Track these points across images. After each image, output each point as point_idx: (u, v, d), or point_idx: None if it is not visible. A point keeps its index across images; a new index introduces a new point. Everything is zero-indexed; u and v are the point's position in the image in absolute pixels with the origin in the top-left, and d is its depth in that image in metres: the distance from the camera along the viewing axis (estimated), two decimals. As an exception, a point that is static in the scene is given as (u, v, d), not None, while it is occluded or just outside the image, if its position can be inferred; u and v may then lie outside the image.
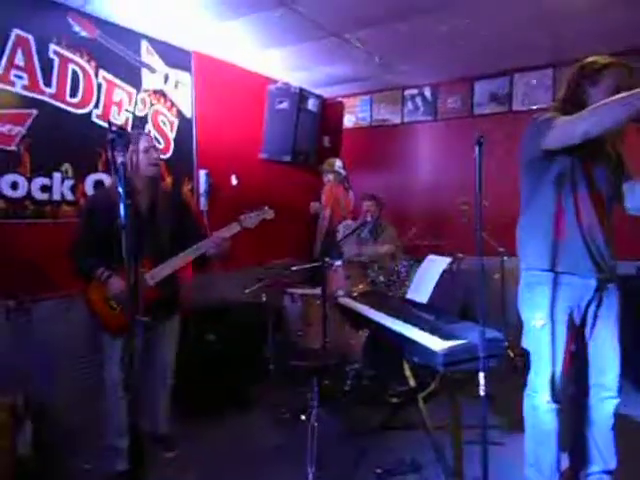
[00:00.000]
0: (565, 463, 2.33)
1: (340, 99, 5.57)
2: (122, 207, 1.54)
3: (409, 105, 5.20)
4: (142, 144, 2.51)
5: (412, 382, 2.87)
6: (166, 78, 3.84)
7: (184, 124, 4.02)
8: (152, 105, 3.74)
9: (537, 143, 2.03)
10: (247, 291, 3.49)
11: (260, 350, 3.68)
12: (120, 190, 1.58)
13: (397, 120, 5.28)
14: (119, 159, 1.57)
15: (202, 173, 4.19)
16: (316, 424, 2.64)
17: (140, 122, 3.65)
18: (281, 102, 4.73)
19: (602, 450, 2.23)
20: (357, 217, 4.55)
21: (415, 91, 5.14)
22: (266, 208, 2.76)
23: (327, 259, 3.22)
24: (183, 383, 2.91)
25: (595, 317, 2.18)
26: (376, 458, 2.66)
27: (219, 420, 3.15)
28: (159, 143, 3.78)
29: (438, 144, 5.08)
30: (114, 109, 3.47)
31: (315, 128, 5.01)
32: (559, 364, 2.13)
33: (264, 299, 3.62)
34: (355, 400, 3.32)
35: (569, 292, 2.12)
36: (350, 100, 5.55)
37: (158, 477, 2.53)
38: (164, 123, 3.85)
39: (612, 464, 2.25)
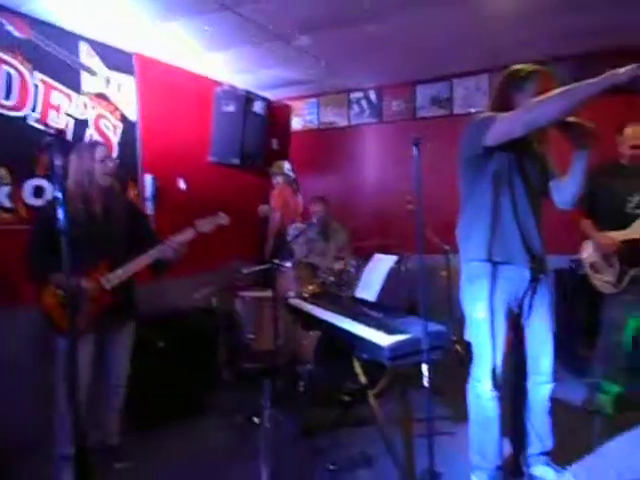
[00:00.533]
0: (507, 448, 2.45)
1: (287, 102, 5.60)
2: (60, 211, 1.51)
3: (355, 108, 5.30)
4: (98, 154, 2.55)
5: (363, 379, 2.93)
6: (107, 81, 3.75)
7: (128, 128, 3.93)
8: (94, 109, 3.64)
9: (477, 140, 2.13)
10: (197, 296, 3.46)
11: (212, 355, 3.65)
12: (58, 194, 1.54)
13: (344, 123, 5.37)
14: (57, 162, 1.53)
15: (148, 177, 4.11)
16: (269, 425, 2.66)
17: (81, 126, 3.54)
18: (228, 105, 4.70)
19: (539, 433, 2.36)
20: (307, 219, 4.59)
21: (360, 94, 5.25)
22: (221, 214, 2.83)
23: (277, 261, 3.23)
24: (133, 391, 2.86)
25: (530, 307, 2.31)
26: (329, 455, 2.69)
27: (171, 428, 3.11)
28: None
29: (384, 146, 5.21)
30: (52, 112, 3.36)
31: (263, 131, 5.01)
32: (499, 353, 2.24)
33: (214, 303, 3.59)
34: (308, 400, 3.35)
35: (506, 284, 2.23)
36: (297, 103, 5.60)
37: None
38: (107, 127, 3.76)
39: (549, 445, 2.39)
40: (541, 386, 2.34)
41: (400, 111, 5.07)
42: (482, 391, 2.27)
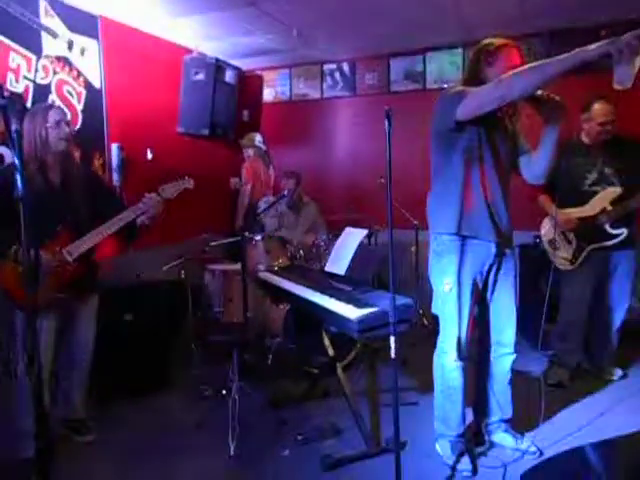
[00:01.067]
0: (469, 417, 2.52)
1: (259, 72, 5.48)
2: (18, 178, 1.44)
3: (328, 80, 5.22)
4: (52, 117, 2.40)
5: (331, 352, 2.96)
6: (70, 44, 3.58)
7: (93, 95, 3.78)
8: (55, 73, 3.48)
9: (449, 115, 2.13)
10: (165, 268, 3.40)
11: (180, 328, 3.62)
12: (16, 160, 1.47)
13: (317, 95, 5.29)
14: (13, 126, 1.45)
15: (114, 147, 3.98)
16: (237, 398, 2.67)
17: (42, 92, 3.39)
18: (197, 73, 4.57)
19: (500, 401, 2.45)
20: (278, 193, 4.55)
21: (334, 66, 5.18)
22: (186, 178, 2.74)
23: (246, 234, 3.20)
24: (100, 365, 2.82)
25: (495, 281, 2.35)
26: (297, 427, 2.72)
27: (138, 401, 3.08)
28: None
29: (357, 120, 5.17)
30: (10, 76, 3.20)
31: (233, 101, 4.91)
32: (464, 325, 2.29)
33: (183, 276, 3.54)
34: (277, 373, 3.37)
35: (473, 258, 2.27)
36: (269, 74, 5.48)
37: (72, 463, 2.44)
38: (70, 93, 3.61)
39: (509, 413, 2.48)
40: (504, 357, 2.41)
41: (374, 84, 5.03)
42: (447, 362, 2.33)
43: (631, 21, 4.11)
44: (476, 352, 2.47)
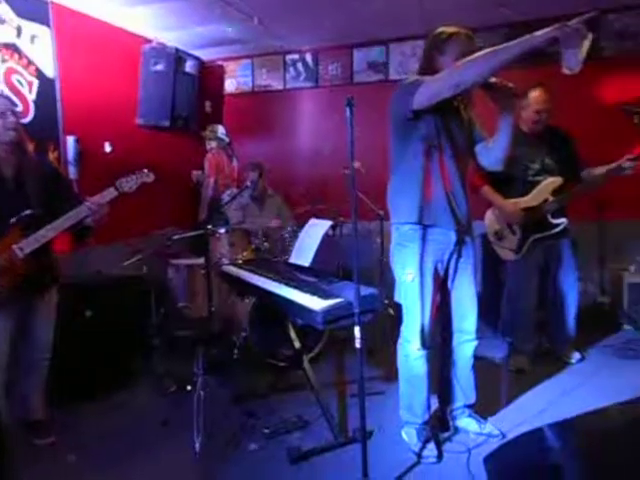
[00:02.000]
0: (434, 404, 2.56)
1: (220, 63, 5.38)
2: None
3: (291, 71, 5.17)
4: None
5: (297, 344, 2.94)
6: (19, 31, 3.42)
7: (45, 84, 3.63)
8: (4, 61, 3.33)
9: (406, 105, 2.14)
10: (126, 263, 3.31)
11: (143, 324, 3.54)
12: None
13: (279, 86, 5.24)
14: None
15: (70, 139, 3.85)
16: (202, 393, 2.62)
17: (-11, 80, 3.24)
18: (156, 63, 4.45)
19: (463, 387, 2.49)
20: (242, 185, 4.49)
21: (297, 56, 5.13)
22: (145, 171, 2.67)
23: (210, 227, 3.14)
24: (60, 363, 2.73)
25: (456, 269, 2.38)
26: (264, 421, 2.70)
27: (101, 400, 3.00)
28: (15, 105, 3.39)
29: (320, 111, 5.14)
30: (-46, 64, 3.04)
31: (194, 92, 4.81)
32: (427, 314, 2.31)
33: (145, 271, 3.46)
34: (243, 367, 3.34)
35: (434, 247, 2.29)
36: (230, 64, 5.39)
37: (32, 466, 2.36)
38: (20, 82, 3.45)
39: (472, 399, 2.53)
40: (466, 344, 2.45)
41: (337, 75, 5.01)
42: (411, 351, 2.34)
43: (584, 13, 4.23)
44: (439, 340, 2.50)
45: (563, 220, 3.08)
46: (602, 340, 3.69)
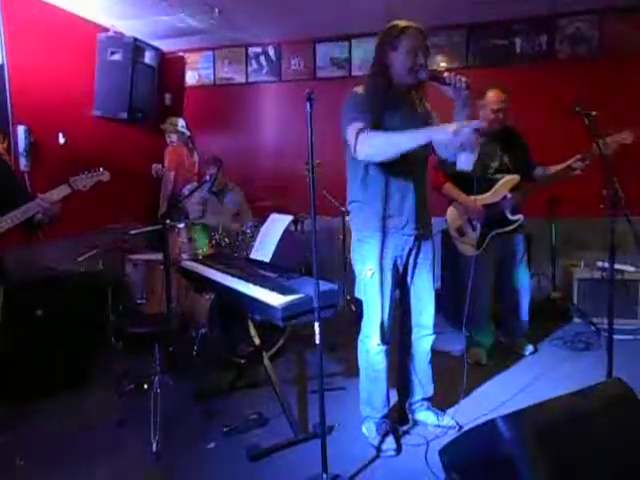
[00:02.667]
0: (394, 398, 2.59)
1: (181, 54, 5.27)
2: None
3: (253, 64, 5.12)
4: None
5: (257, 341, 2.92)
6: (-36, 14, 3.26)
7: (-7, 71, 3.48)
8: (-53, 45, 3.16)
9: (348, 143, 2.20)
10: (80, 259, 3.21)
11: (99, 322, 3.43)
12: None
13: (241, 79, 5.18)
14: None
15: (21, 129, 3.70)
16: (159, 391, 2.57)
17: None
18: (113, 53, 4.33)
19: (421, 380, 2.53)
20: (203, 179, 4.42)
21: (259, 50, 5.08)
22: (101, 170, 2.59)
23: (169, 221, 3.08)
24: (9, 364, 2.62)
25: (414, 266, 2.41)
26: (224, 418, 2.67)
27: (54, 401, 2.88)
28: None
29: (282, 105, 5.12)
30: None
31: (154, 84, 4.70)
32: (387, 309, 2.33)
33: (101, 267, 3.36)
34: (203, 365, 3.29)
35: (394, 244, 2.31)
36: (192, 56, 5.29)
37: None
38: (-35, 68, 3.29)
39: (430, 392, 2.57)
40: (423, 338, 2.48)
41: (299, 70, 4.99)
42: (371, 346, 2.36)
43: (540, 16, 4.36)
44: (398, 334, 2.54)
45: (520, 216, 3.18)
46: (554, 333, 3.83)
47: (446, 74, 2.11)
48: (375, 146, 2.08)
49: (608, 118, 2.60)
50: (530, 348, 3.48)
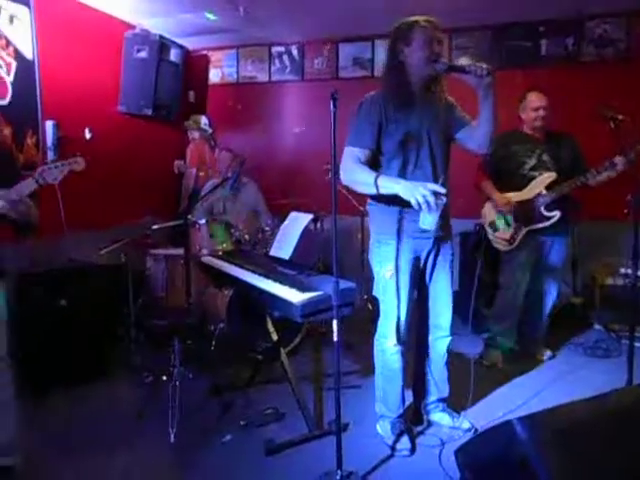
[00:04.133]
0: (409, 398, 2.60)
1: (205, 52, 5.33)
2: None
3: (277, 63, 5.15)
4: None
5: (274, 337, 2.95)
6: (-2, 10, 3.34)
7: (24, 66, 3.56)
8: (-19, 41, 3.25)
9: None
10: (103, 252, 3.26)
11: (120, 313, 3.50)
12: None
13: (264, 78, 5.21)
14: None
15: (49, 124, 3.78)
16: (178, 384, 2.62)
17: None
18: (140, 50, 4.40)
19: (437, 381, 2.53)
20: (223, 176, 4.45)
21: (282, 49, 5.11)
22: (77, 158, 2.18)
23: (190, 217, 3.12)
24: (34, 353, 2.68)
25: (433, 267, 2.41)
26: (240, 412, 2.71)
27: (75, 391, 2.94)
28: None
29: (304, 105, 5.14)
30: None
31: (178, 81, 4.76)
32: (404, 310, 2.34)
33: (123, 260, 3.42)
34: (220, 359, 3.33)
35: (412, 246, 2.31)
36: (216, 54, 5.35)
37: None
38: (-3, 63, 3.38)
39: (445, 393, 2.57)
40: (440, 340, 2.48)
41: (322, 70, 5.01)
42: (387, 346, 2.37)
43: (567, 18, 4.31)
44: (415, 335, 2.54)
45: (556, 213, 3.13)
46: (573, 339, 3.78)
47: (464, 62, 2.08)
48: (352, 181, 2.22)
49: (635, 122, 2.56)
50: (548, 353, 3.45)
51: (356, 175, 2.20)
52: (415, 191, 2.00)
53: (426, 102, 2.25)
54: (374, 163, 2.26)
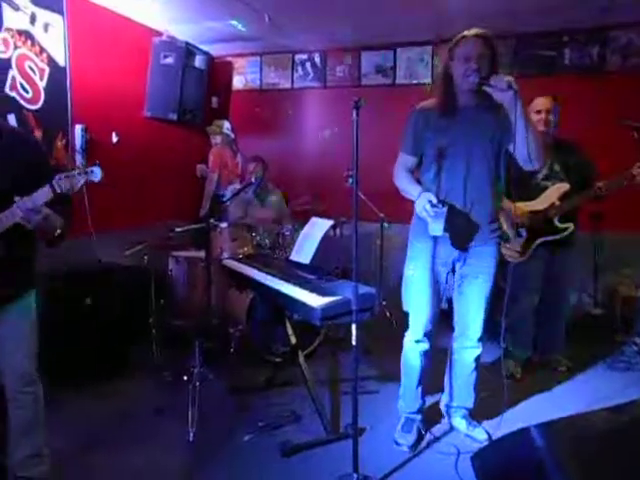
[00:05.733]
0: (429, 400, 2.65)
1: (229, 59, 5.42)
2: None
3: (299, 70, 5.21)
4: None
5: (293, 340, 2.98)
6: (33, 18, 3.46)
7: (57, 73, 3.67)
8: (17, 48, 3.36)
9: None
10: (127, 253, 3.34)
11: (142, 314, 3.58)
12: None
13: (287, 85, 5.28)
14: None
15: (78, 128, 3.88)
16: (198, 384, 2.66)
17: (2, 65, 3.27)
18: (166, 57, 4.49)
19: (461, 390, 2.56)
20: (245, 181, 4.52)
21: (305, 56, 5.17)
22: (93, 168, 1.92)
23: (212, 221, 3.18)
24: (58, 350, 2.75)
25: (465, 275, 2.41)
26: (258, 414, 2.74)
27: (97, 388, 3.02)
28: (26, 92, 3.44)
29: (326, 112, 5.18)
30: (-32, 48, 3.08)
31: (203, 87, 4.85)
32: (425, 311, 2.38)
33: (146, 261, 3.50)
34: (239, 361, 3.38)
35: (441, 252, 2.35)
36: (239, 60, 5.43)
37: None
38: (32, 69, 3.49)
39: (469, 403, 2.57)
40: (467, 350, 2.50)
41: (344, 77, 5.05)
42: (406, 341, 2.47)
43: (591, 27, 4.29)
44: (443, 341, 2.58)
45: (570, 225, 3.09)
46: (594, 351, 3.73)
47: (492, 77, 2.12)
48: (398, 184, 2.43)
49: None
50: (567, 364, 3.40)
51: (398, 181, 2.43)
52: (419, 203, 2.21)
53: (474, 114, 2.27)
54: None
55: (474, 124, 2.27)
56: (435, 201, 2.14)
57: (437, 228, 2.21)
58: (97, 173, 1.92)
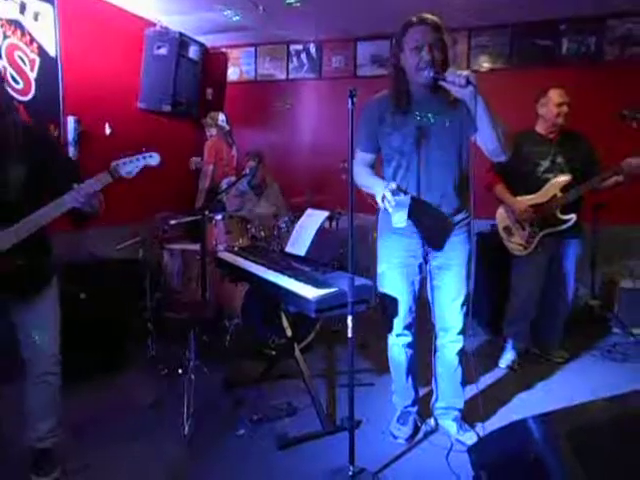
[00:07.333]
0: (422, 391, 2.62)
1: (224, 49, 5.36)
2: None
3: (294, 61, 5.17)
4: None
5: (289, 332, 2.96)
6: (22, 7, 3.40)
7: (47, 63, 3.62)
8: (6, 37, 3.31)
9: None
10: (120, 246, 3.31)
11: (137, 307, 3.55)
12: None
13: (282, 76, 5.23)
14: None
15: (70, 119, 3.84)
16: (193, 377, 2.64)
17: (-9, 55, 3.23)
18: (160, 47, 4.44)
19: (446, 389, 2.47)
20: (241, 173, 4.49)
21: (300, 47, 5.12)
22: (149, 153, 2.10)
23: (207, 213, 3.15)
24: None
25: (437, 267, 2.32)
26: (254, 407, 2.72)
27: (92, 381, 2.99)
28: (16, 82, 3.39)
29: (322, 103, 5.15)
30: (-44, 37, 3.03)
31: (197, 78, 4.79)
32: (402, 305, 2.33)
33: (141, 255, 3.47)
34: (235, 354, 3.36)
35: (405, 246, 2.30)
36: (234, 52, 5.38)
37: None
38: (22, 59, 3.44)
39: (457, 404, 2.47)
40: (449, 345, 2.38)
41: (340, 68, 5.01)
42: (391, 338, 2.43)
43: (589, 17, 4.25)
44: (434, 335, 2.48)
45: (572, 216, 3.07)
46: (591, 342, 3.73)
47: (448, 71, 1.99)
48: (357, 181, 2.27)
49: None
50: (564, 356, 3.40)
51: (357, 177, 2.27)
52: (378, 192, 2.06)
53: (430, 107, 2.15)
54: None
55: (432, 119, 2.15)
56: (395, 187, 1.99)
57: (400, 219, 2.01)
58: (156, 158, 2.10)
